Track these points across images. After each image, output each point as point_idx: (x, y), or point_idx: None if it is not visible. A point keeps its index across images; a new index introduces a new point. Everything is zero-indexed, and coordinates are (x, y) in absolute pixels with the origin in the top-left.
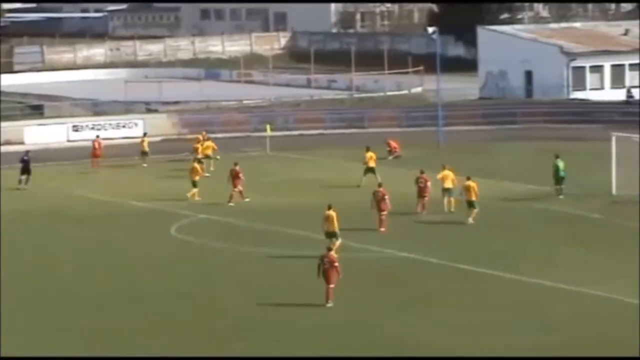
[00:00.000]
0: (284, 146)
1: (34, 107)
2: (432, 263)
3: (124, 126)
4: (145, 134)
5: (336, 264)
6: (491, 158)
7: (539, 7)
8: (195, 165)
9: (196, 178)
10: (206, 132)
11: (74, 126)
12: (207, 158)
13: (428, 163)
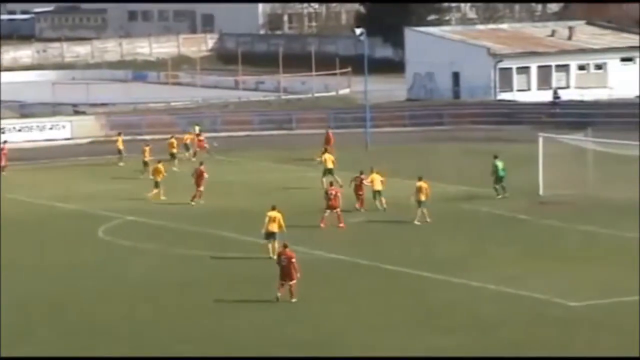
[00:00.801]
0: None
1: None
2: (361, 264)
3: (51, 128)
4: (120, 134)
5: (294, 260)
6: (419, 159)
7: (466, 9)
8: (159, 166)
9: (158, 179)
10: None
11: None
12: (173, 157)
13: (357, 165)
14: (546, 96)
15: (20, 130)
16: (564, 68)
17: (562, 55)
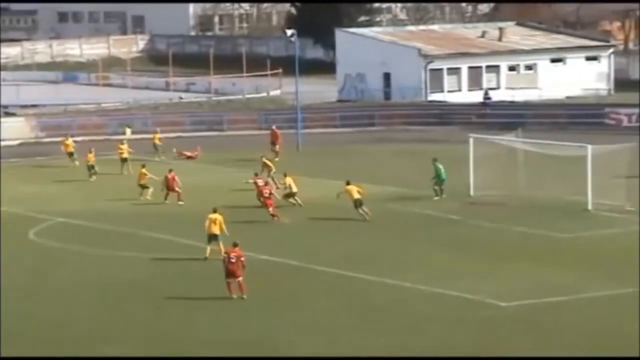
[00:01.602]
0: (143, 149)
1: None
2: (292, 265)
3: None
4: (67, 135)
5: (243, 258)
6: (350, 160)
7: (397, 10)
8: (142, 171)
9: (141, 182)
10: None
11: None
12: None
13: (288, 165)
14: (477, 97)
15: None
16: (495, 69)
17: (493, 56)
